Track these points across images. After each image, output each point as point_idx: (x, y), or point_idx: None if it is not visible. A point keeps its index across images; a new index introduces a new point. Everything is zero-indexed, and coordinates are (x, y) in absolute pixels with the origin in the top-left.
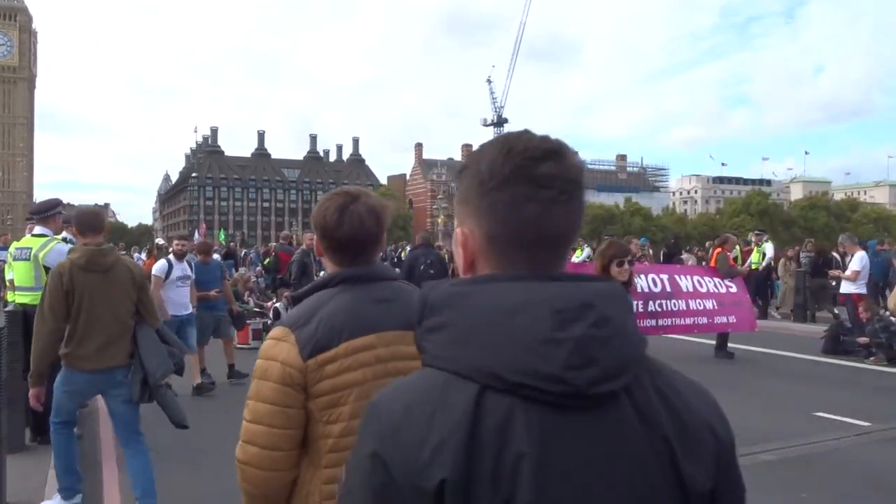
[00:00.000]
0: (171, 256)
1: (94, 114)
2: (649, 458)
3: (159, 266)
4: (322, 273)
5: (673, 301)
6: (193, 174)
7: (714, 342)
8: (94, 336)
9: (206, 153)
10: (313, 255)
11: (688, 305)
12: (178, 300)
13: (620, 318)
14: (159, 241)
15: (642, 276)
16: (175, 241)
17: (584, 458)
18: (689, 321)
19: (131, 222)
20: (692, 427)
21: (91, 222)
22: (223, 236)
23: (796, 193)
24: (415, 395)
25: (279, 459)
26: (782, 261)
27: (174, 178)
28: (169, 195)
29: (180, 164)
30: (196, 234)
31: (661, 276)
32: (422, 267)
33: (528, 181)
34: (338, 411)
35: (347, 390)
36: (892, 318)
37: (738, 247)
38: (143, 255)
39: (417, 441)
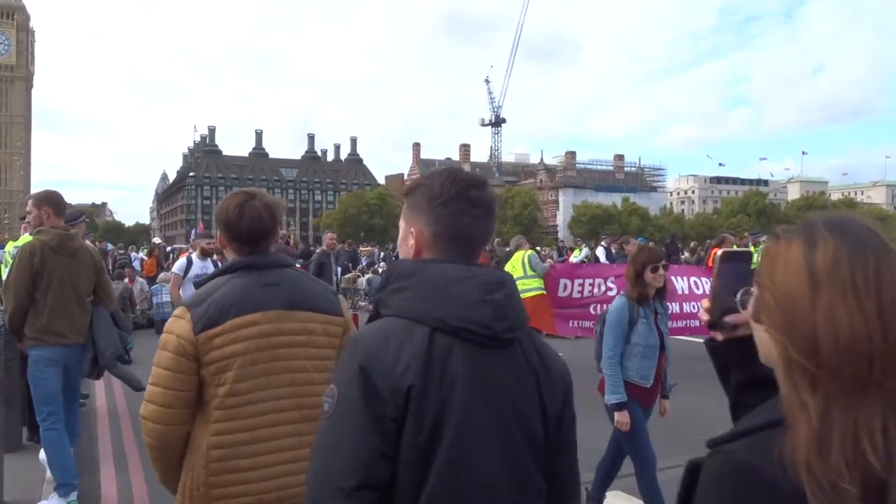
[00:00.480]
0: (193, 254)
1: (92, 112)
2: (529, 386)
3: (179, 264)
4: (338, 270)
5: (667, 304)
6: (191, 173)
7: None
8: (63, 314)
9: (204, 152)
10: (332, 256)
11: (681, 308)
12: None
13: (517, 295)
14: (156, 239)
15: None
16: (204, 241)
17: (495, 379)
18: (681, 324)
19: (128, 221)
20: (553, 372)
21: (63, 204)
22: None
23: (794, 193)
24: (387, 333)
25: (173, 416)
26: None
27: (172, 177)
28: (166, 194)
29: (178, 163)
30: (193, 234)
31: None
32: None
33: (465, 200)
34: (224, 376)
35: (232, 359)
36: None
37: (735, 247)
38: (143, 255)
39: (393, 361)
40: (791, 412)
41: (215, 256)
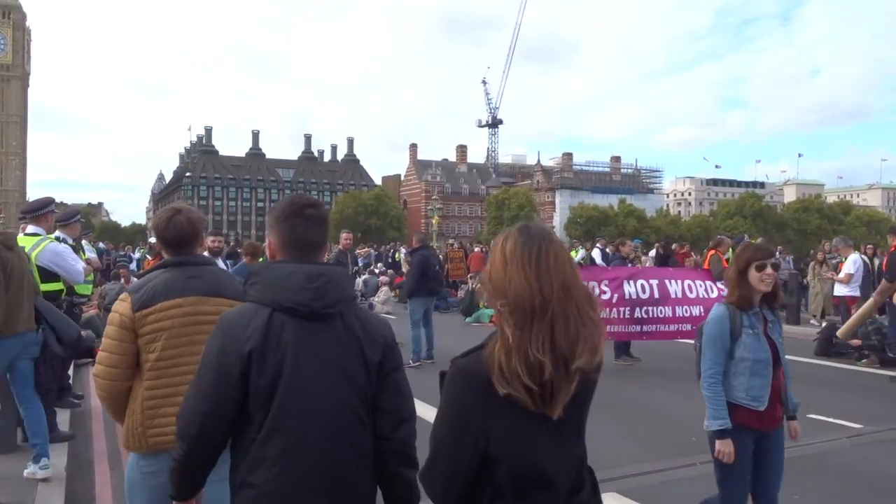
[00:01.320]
0: (203, 253)
1: (89, 112)
2: (351, 346)
3: None
4: (356, 269)
5: (660, 308)
6: (187, 173)
7: None
8: (21, 303)
9: (201, 152)
10: (349, 254)
11: (674, 312)
12: None
13: (339, 280)
14: (152, 240)
15: (632, 282)
16: (210, 238)
17: (318, 345)
18: (673, 328)
19: (124, 221)
20: (372, 333)
21: None
22: None
23: (789, 196)
24: (242, 313)
25: (115, 374)
26: (812, 265)
27: (168, 177)
28: (163, 194)
29: (174, 163)
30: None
31: (651, 281)
32: (437, 267)
33: (300, 216)
34: (154, 346)
35: (160, 332)
36: (885, 321)
37: (731, 249)
38: (146, 254)
39: (241, 333)
40: (498, 335)
41: (245, 257)
